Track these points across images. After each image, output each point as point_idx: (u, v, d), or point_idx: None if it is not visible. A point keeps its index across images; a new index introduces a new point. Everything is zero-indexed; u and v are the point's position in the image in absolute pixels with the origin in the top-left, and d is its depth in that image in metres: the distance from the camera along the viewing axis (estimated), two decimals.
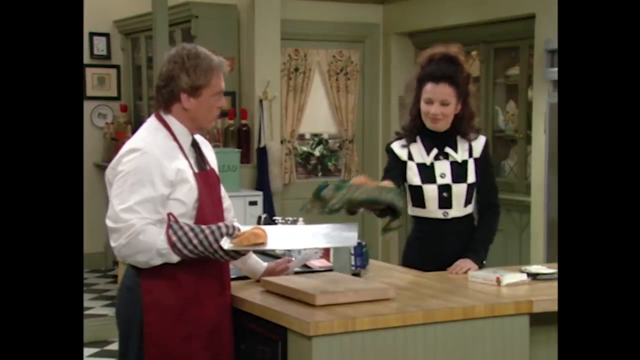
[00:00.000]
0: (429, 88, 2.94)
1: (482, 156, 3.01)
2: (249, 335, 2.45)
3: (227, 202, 2.61)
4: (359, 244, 2.78)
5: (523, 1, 5.43)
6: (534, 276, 2.74)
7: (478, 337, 2.37)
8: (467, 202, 2.98)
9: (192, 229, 2.33)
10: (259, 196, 5.82)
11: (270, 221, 3.19)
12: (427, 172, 2.96)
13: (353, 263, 2.83)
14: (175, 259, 2.34)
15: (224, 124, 6.18)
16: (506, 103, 5.98)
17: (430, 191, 2.94)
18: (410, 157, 2.98)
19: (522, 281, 2.68)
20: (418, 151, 2.99)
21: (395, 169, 2.99)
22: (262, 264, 2.69)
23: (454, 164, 2.97)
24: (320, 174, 6.89)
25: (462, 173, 2.97)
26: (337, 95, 6.77)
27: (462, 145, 3.00)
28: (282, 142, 6.43)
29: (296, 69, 6.57)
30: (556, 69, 5.04)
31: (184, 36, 6.12)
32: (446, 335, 2.33)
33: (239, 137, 6.18)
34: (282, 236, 2.49)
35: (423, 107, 2.96)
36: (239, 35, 6.27)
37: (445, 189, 2.94)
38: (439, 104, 2.93)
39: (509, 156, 5.99)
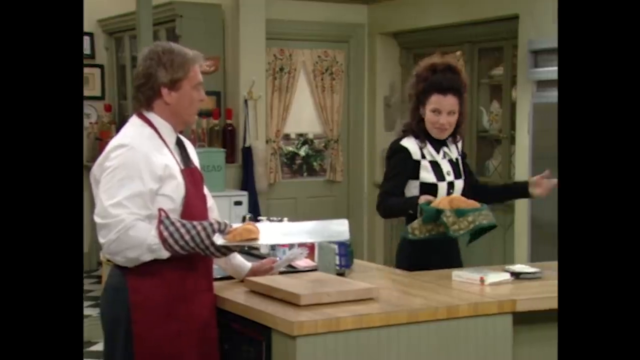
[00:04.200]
0: (436, 99, 3.03)
1: (463, 153, 3.21)
2: (233, 335, 2.45)
3: (210, 201, 2.61)
4: (343, 243, 2.79)
5: (506, 2, 5.46)
6: (517, 275, 2.75)
7: (461, 336, 2.39)
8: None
9: (183, 225, 2.33)
10: (244, 196, 5.82)
11: (255, 221, 3.18)
12: (438, 170, 3.08)
13: (337, 263, 2.83)
14: (165, 254, 2.33)
15: (208, 124, 6.17)
16: (490, 103, 6.01)
17: (442, 188, 3.06)
18: (423, 156, 3.07)
19: (505, 280, 2.70)
20: (428, 150, 3.09)
21: (406, 170, 3.05)
22: (247, 264, 2.69)
23: (451, 162, 3.12)
24: (305, 173, 6.90)
25: (458, 170, 3.14)
26: (323, 95, 6.78)
27: (451, 145, 3.15)
28: (267, 141, 6.43)
29: (281, 69, 6.57)
30: (539, 69, 5.08)
31: (169, 35, 6.10)
32: (430, 335, 2.34)
33: (224, 137, 6.17)
34: (274, 232, 2.49)
35: (430, 116, 3.05)
36: (223, 34, 6.26)
37: (450, 186, 3.09)
38: (446, 114, 3.04)
39: (493, 156, 6.02)
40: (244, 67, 6.12)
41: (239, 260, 2.68)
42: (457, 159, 3.13)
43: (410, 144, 3.06)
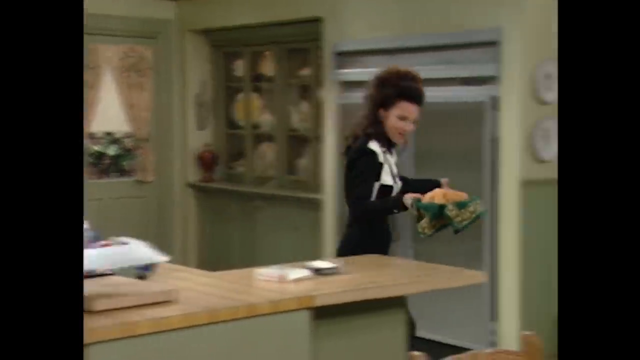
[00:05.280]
0: (405, 106, 3.16)
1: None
2: None
3: None
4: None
5: (310, 4, 5.60)
6: (317, 271, 2.82)
7: (261, 333, 2.40)
8: None
9: None
10: None
11: None
12: (392, 172, 3.23)
13: (137, 266, 2.74)
14: None
15: None
16: (299, 103, 6.14)
17: (395, 189, 3.21)
18: (384, 159, 3.19)
19: (306, 277, 2.75)
20: (386, 153, 3.22)
21: (374, 173, 3.16)
22: None
23: (395, 164, 3.29)
24: (114, 173, 6.66)
25: (398, 171, 3.30)
26: (130, 93, 6.57)
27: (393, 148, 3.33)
28: None
29: (84, 65, 6.29)
30: (344, 71, 5.26)
31: None
32: (230, 334, 2.33)
33: None
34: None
35: (395, 122, 3.16)
36: None
37: (397, 187, 3.25)
38: (411, 121, 3.18)
39: (303, 155, 6.16)
40: None
41: None
42: (396, 160, 3.30)
43: (375, 147, 3.16)
